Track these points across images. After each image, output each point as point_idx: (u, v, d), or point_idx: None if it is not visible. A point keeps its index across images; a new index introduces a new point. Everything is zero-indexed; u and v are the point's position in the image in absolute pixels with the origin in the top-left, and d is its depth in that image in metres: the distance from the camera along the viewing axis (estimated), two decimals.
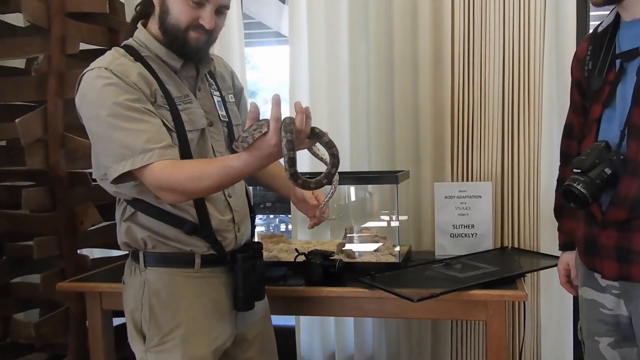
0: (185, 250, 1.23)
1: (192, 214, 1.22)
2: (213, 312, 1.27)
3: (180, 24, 1.17)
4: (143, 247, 1.24)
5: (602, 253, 1.22)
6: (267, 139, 0.98)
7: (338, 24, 2.08)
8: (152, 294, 1.23)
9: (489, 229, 1.89)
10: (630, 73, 1.17)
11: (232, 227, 1.28)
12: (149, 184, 1.13)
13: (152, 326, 1.22)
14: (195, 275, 1.24)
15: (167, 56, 1.22)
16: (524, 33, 1.94)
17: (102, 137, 1.15)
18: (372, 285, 1.52)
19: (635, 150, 1.14)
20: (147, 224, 1.22)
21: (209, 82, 1.33)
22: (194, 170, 1.11)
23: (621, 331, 1.26)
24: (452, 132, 2.02)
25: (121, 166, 1.10)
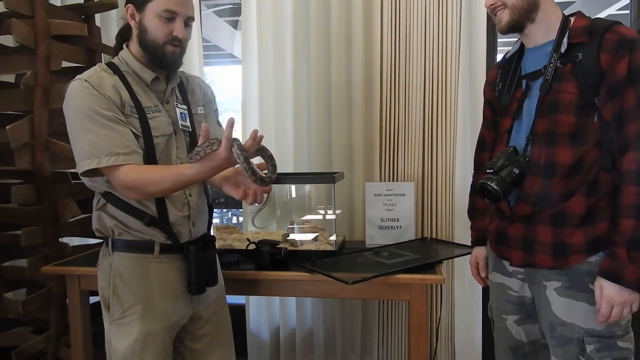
0: (145, 239, 1.32)
1: (152, 209, 1.31)
2: (168, 293, 1.35)
3: (158, 39, 1.28)
4: (111, 234, 1.33)
5: (511, 243, 1.32)
6: (218, 153, 1.10)
7: (283, 47, 2.22)
8: (116, 274, 1.32)
9: (411, 222, 2.04)
10: (534, 90, 1.29)
11: (187, 223, 1.37)
12: (115, 183, 1.23)
13: (114, 302, 1.31)
14: (154, 261, 1.33)
15: (141, 70, 1.33)
16: (442, 58, 2.12)
17: (76, 136, 1.23)
18: (312, 270, 1.64)
19: (538, 153, 1.25)
20: (114, 214, 1.32)
21: (177, 96, 1.41)
22: (153, 175, 1.21)
23: (525, 310, 1.37)
24: (380, 140, 2.17)
25: (87, 163, 1.20)
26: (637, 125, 1.16)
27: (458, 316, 2.20)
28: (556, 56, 1.25)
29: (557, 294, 1.27)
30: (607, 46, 1.18)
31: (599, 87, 1.19)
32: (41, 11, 1.92)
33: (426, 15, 2.12)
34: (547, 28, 1.28)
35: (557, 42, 1.25)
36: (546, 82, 1.25)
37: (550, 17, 1.28)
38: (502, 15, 1.28)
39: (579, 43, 1.23)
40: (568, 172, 1.23)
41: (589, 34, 1.22)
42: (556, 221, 1.25)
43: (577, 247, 1.23)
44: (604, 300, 1.19)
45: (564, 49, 1.24)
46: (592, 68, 1.19)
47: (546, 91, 1.25)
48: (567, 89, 1.22)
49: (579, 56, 1.21)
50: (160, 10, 1.27)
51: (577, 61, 1.21)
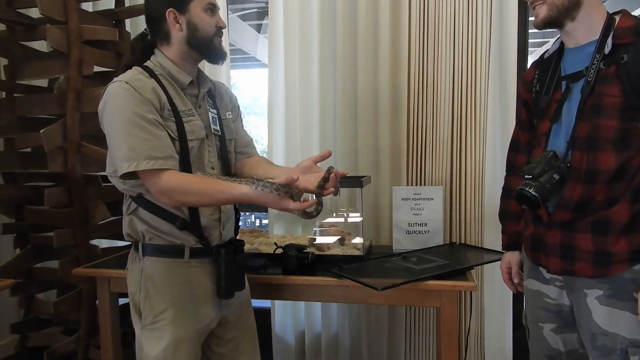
0: (176, 243, 1.32)
1: (185, 212, 1.32)
2: (199, 297, 1.35)
3: (209, 33, 1.33)
4: (142, 239, 1.34)
5: (548, 250, 1.28)
6: (284, 203, 1.14)
7: (310, 50, 2.22)
8: (147, 279, 1.32)
9: (439, 227, 2.01)
10: (575, 92, 1.24)
11: (218, 226, 1.37)
12: (151, 187, 1.22)
13: (147, 307, 1.32)
14: (184, 265, 1.33)
15: (179, 73, 1.34)
16: (471, 57, 2.08)
17: (116, 138, 1.24)
18: (340, 275, 1.63)
19: (579, 159, 1.20)
20: (146, 218, 1.32)
21: (208, 100, 1.42)
22: (198, 187, 1.21)
23: (563, 318, 1.33)
24: (407, 143, 2.15)
25: (126, 166, 1.20)
26: None
27: (488, 323, 2.17)
28: (599, 57, 1.20)
29: (599, 303, 1.22)
30: None
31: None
32: (74, 16, 1.96)
33: (455, 13, 2.09)
34: (589, 27, 1.24)
35: (600, 43, 1.21)
36: (588, 84, 1.21)
37: (594, 16, 1.24)
38: (539, 10, 1.24)
39: (625, 44, 1.18)
40: (611, 179, 1.18)
41: (636, 34, 1.17)
42: (598, 229, 1.21)
43: (620, 255, 1.19)
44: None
45: (608, 50, 1.19)
46: (638, 70, 1.14)
47: (588, 94, 1.21)
48: (611, 92, 1.18)
49: (624, 57, 1.16)
50: (205, 4, 1.33)
51: (622, 63, 1.17)
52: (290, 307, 2.34)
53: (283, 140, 2.30)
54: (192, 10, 1.31)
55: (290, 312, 2.34)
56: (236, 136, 1.50)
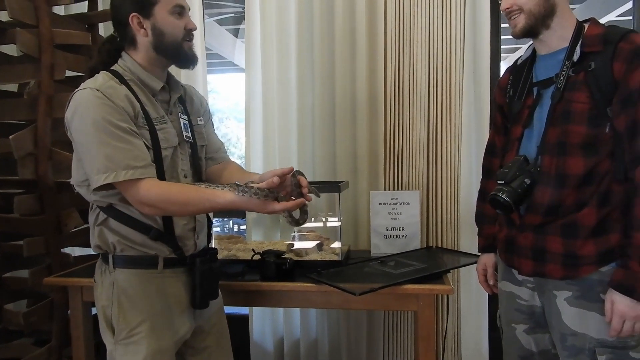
0: (150, 254, 1.29)
1: (158, 222, 1.28)
2: (174, 308, 1.33)
3: (177, 37, 1.27)
4: (112, 250, 1.29)
5: (520, 252, 1.31)
6: (268, 207, 1.12)
7: (287, 55, 2.22)
8: (120, 292, 1.28)
9: (417, 231, 2.02)
10: (545, 98, 1.27)
11: (193, 235, 1.35)
12: (131, 197, 1.19)
13: (120, 321, 1.27)
14: (158, 276, 1.31)
15: (150, 79, 1.29)
16: (446, 64, 2.11)
17: (89, 149, 1.18)
18: (319, 280, 1.63)
19: (549, 163, 1.23)
20: (117, 229, 1.28)
21: (179, 106, 1.39)
22: (181, 196, 1.18)
23: (535, 319, 1.36)
24: (385, 149, 2.16)
25: (103, 177, 1.16)
26: None
27: (465, 325, 2.19)
28: (569, 64, 1.23)
29: (568, 304, 1.25)
30: (622, 55, 1.16)
31: (612, 97, 1.18)
32: (45, 20, 1.93)
33: (430, 22, 2.12)
34: (561, 35, 1.27)
35: (569, 50, 1.24)
36: (558, 91, 1.24)
37: (566, 23, 1.27)
38: (517, 20, 1.27)
39: (593, 52, 1.21)
40: (579, 183, 1.21)
41: (603, 42, 1.20)
42: (567, 232, 1.23)
43: (588, 258, 1.22)
44: (615, 315, 1.17)
45: (577, 57, 1.23)
46: (606, 77, 1.17)
47: (558, 100, 1.24)
48: (579, 99, 1.21)
49: (592, 65, 1.20)
50: (171, 7, 1.27)
51: (590, 70, 1.20)
52: (268, 313, 2.33)
53: (261, 145, 2.29)
54: (157, 14, 1.26)
55: (268, 319, 2.33)
56: (207, 142, 1.48)
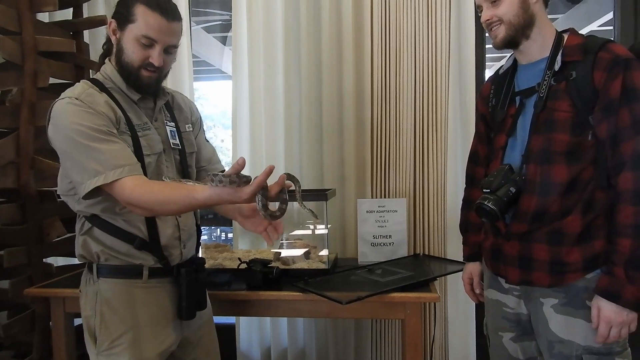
0: (134, 263, 1.28)
1: (143, 231, 1.27)
2: (159, 318, 1.31)
3: (134, 62, 1.24)
4: (96, 260, 1.28)
5: (507, 260, 1.32)
6: (242, 193, 1.03)
7: (275, 62, 2.23)
8: (103, 302, 1.27)
9: (404, 239, 2.03)
10: (528, 107, 1.29)
11: (178, 245, 1.33)
12: (120, 198, 1.17)
13: (102, 331, 1.26)
14: (143, 286, 1.29)
15: (127, 89, 1.28)
16: (432, 73, 2.13)
17: (75, 156, 1.17)
18: (306, 289, 1.62)
19: (533, 171, 1.25)
20: (101, 238, 1.27)
21: (165, 113, 1.38)
22: (162, 195, 1.14)
23: (521, 327, 1.37)
24: (372, 156, 2.17)
25: (94, 181, 1.14)
26: (631, 144, 1.17)
27: (452, 332, 2.19)
28: (550, 73, 1.26)
29: (555, 311, 1.26)
30: (601, 64, 1.19)
31: (594, 105, 1.20)
32: (29, 27, 1.91)
33: (416, 31, 2.15)
34: (541, 45, 1.30)
35: (550, 60, 1.26)
36: (540, 100, 1.26)
37: (545, 34, 1.30)
38: (497, 30, 1.29)
39: (573, 61, 1.23)
40: (564, 191, 1.23)
41: (583, 52, 1.23)
42: (553, 239, 1.25)
43: (574, 265, 1.23)
44: (602, 321, 1.18)
45: (558, 67, 1.25)
46: (587, 86, 1.20)
47: (540, 109, 1.26)
48: (562, 107, 1.23)
49: (573, 74, 1.22)
50: (139, 35, 1.23)
51: (572, 79, 1.22)
52: (255, 322, 2.31)
53: (248, 152, 2.29)
54: (127, 32, 1.24)
55: (255, 328, 2.31)
56: (198, 150, 1.47)
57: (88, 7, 2.30)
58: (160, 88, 1.35)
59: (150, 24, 1.22)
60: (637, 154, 1.16)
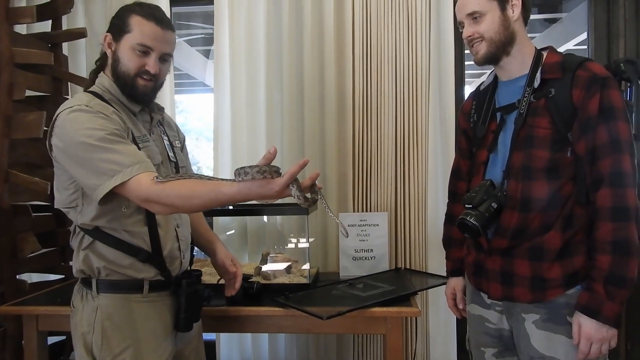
0: (136, 278, 1.27)
1: (147, 243, 1.27)
2: (159, 332, 1.31)
3: (130, 70, 1.26)
4: (97, 275, 1.27)
5: (489, 276, 1.32)
6: (274, 184, 1.03)
7: (256, 77, 2.23)
8: (104, 317, 1.25)
9: (385, 253, 2.04)
10: (509, 123, 1.31)
11: (179, 255, 1.34)
12: (135, 196, 1.15)
13: (103, 348, 1.24)
14: (143, 300, 1.29)
15: (128, 101, 1.30)
16: (412, 90, 2.15)
17: (89, 160, 1.16)
18: (286, 304, 1.61)
19: (514, 187, 1.26)
20: (104, 252, 1.26)
21: (160, 128, 1.41)
22: (185, 189, 1.11)
23: (503, 342, 1.36)
24: (353, 171, 2.18)
25: (112, 181, 1.13)
26: (609, 161, 1.18)
27: (433, 346, 2.19)
28: (530, 90, 1.27)
29: (536, 327, 1.27)
30: (579, 83, 1.21)
31: (572, 122, 1.22)
32: (5, 39, 1.88)
33: (396, 49, 2.17)
34: (522, 62, 1.32)
35: (530, 77, 1.28)
36: (520, 116, 1.28)
37: (525, 51, 1.32)
38: (479, 47, 1.31)
39: (552, 78, 1.26)
40: (544, 207, 1.24)
41: (562, 69, 1.25)
42: (533, 255, 1.25)
43: (554, 281, 1.24)
44: (583, 337, 1.19)
45: (537, 84, 1.27)
46: (565, 104, 1.22)
47: (521, 125, 1.28)
48: (541, 124, 1.25)
49: (552, 91, 1.24)
50: (135, 44, 1.26)
51: (550, 96, 1.24)
52: (236, 338, 2.28)
53: (230, 166, 2.27)
54: (123, 42, 1.27)
55: (236, 344, 2.28)
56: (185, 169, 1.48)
57: (67, 19, 2.27)
58: (155, 98, 1.36)
59: (145, 32, 1.25)
60: (614, 171, 1.17)
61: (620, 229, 1.16)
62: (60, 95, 2.11)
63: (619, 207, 1.17)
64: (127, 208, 1.25)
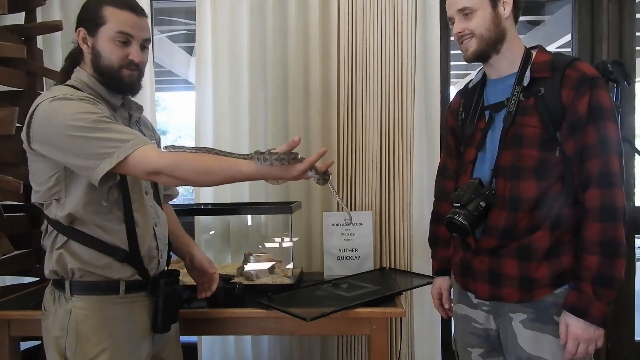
0: (111, 278, 1.24)
1: (124, 242, 1.24)
2: (136, 335, 1.28)
3: (113, 63, 1.23)
4: (70, 276, 1.23)
5: (477, 276, 1.31)
6: (293, 170, 1.06)
7: (240, 75, 2.19)
8: (79, 320, 1.21)
9: (370, 252, 2.03)
10: (497, 122, 1.30)
11: (157, 255, 1.32)
12: (141, 170, 1.12)
13: (78, 352, 1.21)
14: (119, 302, 1.25)
15: (109, 95, 1.27)
16: (398, 89, 2.14)
17: (83, 142, 1.12)
18: (269, 306, 1.59)
19: (503, 186, 1.25)
20: (79, 252, 1.22)
21: (137, 127, 1.38)
22: (200, 164, 1.12)
23: (490, 343, 1.36)
24: (338, 169, 2.15)
25: (115, 158, 1.10)
26: (598, 161, 1.18)
27: (418, 346, 2.18)
28: (519, 89, 1.27)
29: (523, 327, 1.26)
30: (569, 82, 1.21)
31: (561, 122, 1.22)
32: None
33: (382, 46, 2.15)
34: (511, 60, 1.31)
35: (519, 75, 1.27)
36: (509, 115, 1.27)
37: (515, 49, 1.31)
38: (469, 44, 1.30)
39: (542, 77, 1.25)
40: (532, 206, 1.23)
41: (551, 69, 1.24)
42: (522, 255, 1.25)
43: (542, 281, 1.24)
44: (570, 338, 1.19)
45: (527, 83, 1.26)
46: (554, 103, 1.21)
47: (510, 124, 1.27)
48: (530, 123, 1.24)
49: (541, 90, 1.23)
50: (114, 34, 1.22)
51: (540, 95, 1.24)
52: (218, 340, 2.24)
53: None
54: (100, 35, 1.24)
55: (218, 346, 2.24)
56: None
57: (42, 11, 2.20)
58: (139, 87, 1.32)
59: (122, 21, 1.23)
60: (603, 172, 1.17)
61: (608, 229, 1.16)
62: (34, 91, 2.03)
63: (607, 207, 1.17)
64: (106, 202, 1.22)
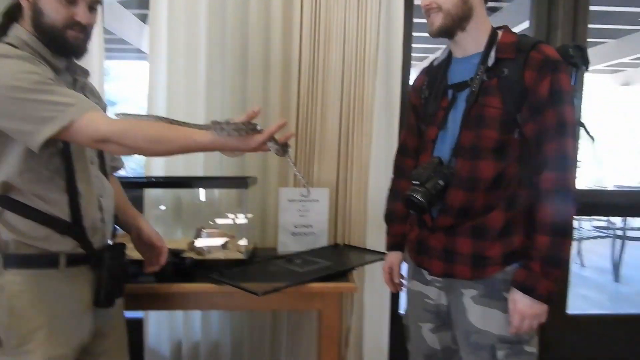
0: (50, 251, 1.17)
1: (66, 213, 1.17)
2: (77, 310, 1.22)
3: (57, 23, 1.13)
4: (4, 249, 1.16)
5: (431, 253, 1.34)
6: (251, 141, 1.05)
7: (196, 46, 2.08)
8: (12, 296, 1.14)
9: (325, 229, 2.03)
10: (460, 101, 1.30)
11: (101, 227, 1.26)
12: (88, 136, 1.06)
13: (12, 329, 1.14)
14: (58, 275, 1.19)
15: (51, 56, 1.17)
16: (360, 66, 2.12)
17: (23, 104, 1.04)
18: (220, 281, 1.56)
19: (461, 166, 1.26)
20: (15, 223, 1.15)
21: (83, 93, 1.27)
22: (153, 132, 1.07)
23: (441, 318, 1.40)
24: (296, 145, 2.13)
25: (57, 123, 1.03)
26: (555, 144, 1.21)
27: (367, 321, 2.21)
28: (483, 69, 1.27)
29: (473, 302, 1.30)
30: (532, 64, 1.22)
31: (522, 103, 1.23)
32: None
33: (345, 25, 2.12)
34: (476, 39, 1.31)
35: (484, 55, 1.28)
36: (472, 94, 1.27)
37: (481, 28, 1.31)
38: (435, 18, 1.29)
39: (506, 58, 1.26)
40: (489, 187, 1.26)
41: (516, 50, 1.25)
42: (476, 234, 1.28)
43: (494, 259, 1.27)
44: (516, 313, 1.23)
45: (491, 63, 1.27)
46: (517, 84, 1.22)
47: (472, 104, 1.27)
48: (492, 103, 1.25)
49: (504, 71, 1.25)
50: None
51: (503, 76, 1.25)
52: (165, 316, 2.18)
53: None
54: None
55: (165, 322, 2.18)
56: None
57: None
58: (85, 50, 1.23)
59: None
60: (559, 155, 1.20)
61: (560, 211, 1.20)
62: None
63: (561, 190, 1.21)
64: (46, 170, 1.14)
